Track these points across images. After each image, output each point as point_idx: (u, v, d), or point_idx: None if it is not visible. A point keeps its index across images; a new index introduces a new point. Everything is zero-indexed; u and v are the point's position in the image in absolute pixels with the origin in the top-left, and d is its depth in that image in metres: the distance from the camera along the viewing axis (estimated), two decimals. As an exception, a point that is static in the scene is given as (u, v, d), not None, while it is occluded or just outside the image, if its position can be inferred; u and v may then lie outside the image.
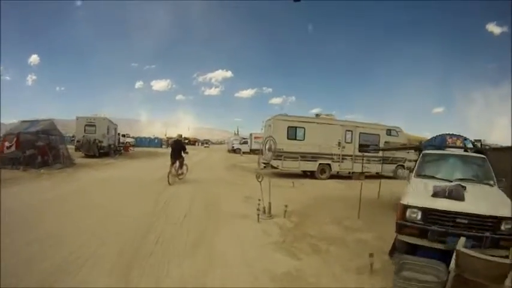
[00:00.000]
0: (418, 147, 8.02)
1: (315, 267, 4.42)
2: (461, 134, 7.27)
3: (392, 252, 4.87)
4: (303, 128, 14.35)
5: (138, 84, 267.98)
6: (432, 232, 4.13)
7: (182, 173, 12.49)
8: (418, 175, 5.92)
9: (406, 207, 4.46)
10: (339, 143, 14.98)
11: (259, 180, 7.34)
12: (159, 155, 28.34)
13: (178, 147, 12.32)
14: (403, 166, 17.15)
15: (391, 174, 16.95)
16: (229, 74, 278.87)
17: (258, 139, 38.45)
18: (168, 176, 11.28)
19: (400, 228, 4.45)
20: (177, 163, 12.00)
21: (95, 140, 21.77)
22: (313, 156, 14.43)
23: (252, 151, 37.90)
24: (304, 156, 14.23)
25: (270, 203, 7.18)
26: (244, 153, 36.85)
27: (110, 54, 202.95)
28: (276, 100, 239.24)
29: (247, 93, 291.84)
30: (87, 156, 21.31)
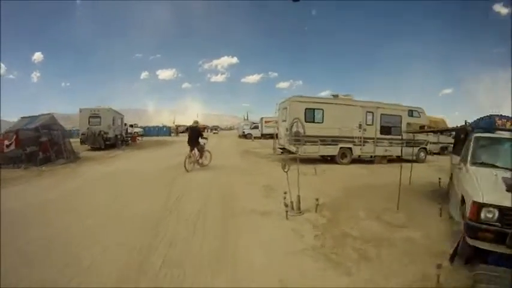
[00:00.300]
0: (464, 129, 6.96)
1: (374, 282, 3.50)
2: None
3: (453, 257, 3.96)
4: (321, 109, 13.17)
5: (144, 74, 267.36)
6: (512, 237, 3.29)
7: (203, 163, 12.10)
8: (474, 163, 4.97)
9: (481, 205, 3.57)
10: (360, 125, 13.79)
11: (286, 170, 6.34)
12: (168, 144, 27.61)
13: (195, 134, 11.92)
14: (425, 149, 16.08)
15: (413, 158, 15.88)
16: (234, 60, 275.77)
17: (269, 123, 37.46)
18: (185, 163, 11.01)
19: (473, 232, 3.58)
20: (196, 150, 11.69)
21: (100, 131, 20.89)
22: (334, 140, 13.30)
23: (263, 136, 36.96)
24: (323, 140, 13.09)
25: (299, 197, 6.15)
26: (255, 138, 35.79)
27: (114, 46, 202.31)
28: (283, 84, 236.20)
29: (253, 78, 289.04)
30: (94, 149, 20.58)
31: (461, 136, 8.27)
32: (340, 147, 13.48)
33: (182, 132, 55.68)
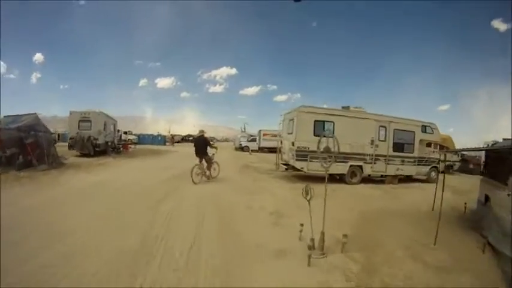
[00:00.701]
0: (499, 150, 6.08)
1: None
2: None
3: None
4: (331, 122, 11.92)
5: (143, 81, 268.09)
6: None
7: (210, 175, 11.50)
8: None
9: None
10: (372, 141, 12.64)
11: (308, 198, 4.94)
12: (162, 153, 26.29)
13: (203, 144, 11.33)
14: (436, 168, 15.02)
15: (423, 177, 14.82)
16: (233, 71, 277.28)
17: (267, 136, 36.41)
18: (192, 175, 10.53)
19: None
20: (204, 162, 11.16)
21: (90, 137, 19.51)
22: (344, 157, 12.04)
23: (261, 149, 35.82)
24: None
25: (323, 234, 4.72)
26: (252, 151, 34.57)
27: (114, 52, 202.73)
28: (281, 97, 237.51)
29: (251, 90, 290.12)
30: (83, 155, 19.24)
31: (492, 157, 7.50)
32: (351, 165, 12.26)
33: (178, 142, 54.73)
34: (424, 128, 14.31)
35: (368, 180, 12.94)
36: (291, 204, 7.94)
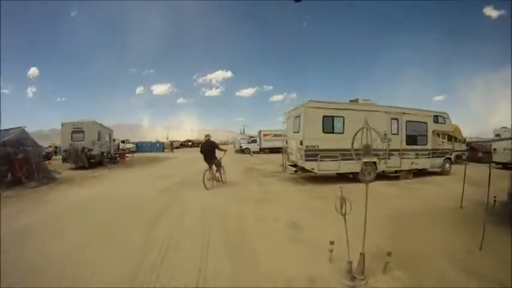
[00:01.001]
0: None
1: None
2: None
3: None
4: (341, 117, 11.01)
5: (139, 89, 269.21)
6: None
7: (221, 179, 11.35)
8: None
9: None
10: (385, 134, 11.73)
11: (343, 212, 4.06)
12: (160, 161, 25.38)
13: (211, 148, 10.96)
14: (450, 159, 14.16)
15: (438, 170, 13.95)
16: (229, 74, 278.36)
17: (268, 136, 35.54)
18: (204, 180, 10.28)
19: None
20: (213, 166, 10.93)
21: (83, 148, 18.64)
22: (356, 154, 11.14)
23: (262, 150, 34.96)
24: (344, 154, 10.92)
25: (363, 256, 3.74)
26: (254, 153, 33.68)
27: (108, 61, 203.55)
28: (277, 97, 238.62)
29: (247, 92, 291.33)
30: (78, 167, 18.33)
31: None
32: (364, 162, 11.33)
33: (177, 148, 53.82)
34: (436, 118, 13.46)
35: (382, 176, 12.00)
36: (306, 212, 7.09)
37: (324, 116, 10.83)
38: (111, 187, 11.48)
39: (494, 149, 19.19)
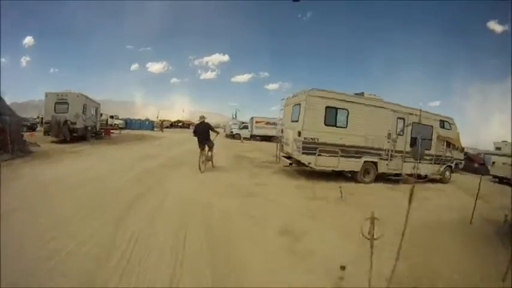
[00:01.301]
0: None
1: None
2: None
3: None
4: (345, 110, 10.10)
5: (134, 66, 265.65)
6: None
7: (212, 162, 11.17)
8: None
9: None
10: (389, 134, 10.95)
11: (374, 237, 3.01)
12: (147, 140, 24.34)
13: (205, 130, 10.72)
14: (451, 167, 13.50)
15: (437, 177, 13.27)
16: (226, 58, 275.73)
17: (260, 123, 34.66)
18: (199, 164, 10.20)
19: None
20: (206, 148, 10.66)
21: (66, 121, 17.37)
22: (357, 151, 10.35)
23: (253, 137, 34.12)
24: (345, 151, 10.12)
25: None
26: (244, 139, 32.80)
27: (105, 36, 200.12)
28: (273, 86, 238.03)
29: (243, 77, 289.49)
30: (60, 141, 17.16)
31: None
32: (365, 161, 10.56)
33: (167, 127, 52.63)
34: (442, 123, 12.76)
35: (380, 178, 11.26)
36: (303, 214, 6.27)
37: (326, 107, 9.89)
38: (88, 165, 10.45)
39: (493, 162, 18.86)
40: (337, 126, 9.99)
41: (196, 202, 6.53)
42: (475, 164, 21.92)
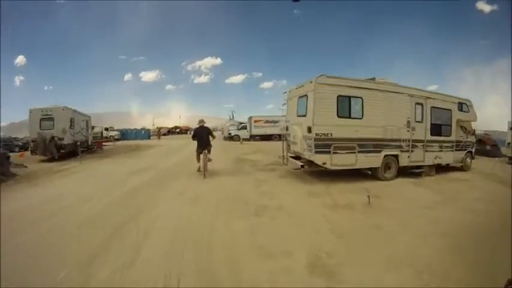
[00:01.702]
0: None
1: None
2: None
3: None
4: (359, 98, 8.77)
5: (127, 76, 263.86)
6: None
7: (209, 160, 10.58)
8: None
9: None
10: (408, 122, 9.71)
11: None
12: (142, 150, 23.14)
13: (205, 134, 10.53)
14: (471, 153, 12.33)
15: (459, 165, 12.07)
16: (218, 60, 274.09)
17: (259, 123, 33.45)
18: (201, 169, 10.22)
19: None
20: (205, 152, 10.29)
21: (53, 137, 16.20)
22: (376, 145, 9.08)
23: (253, 137, 32.93)
24: (362, 145, 8.83)
25: None
26: (243, 140, 31.58)
27: (97, 48, 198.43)
28: (267, 84, 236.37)
29: (237, 78, 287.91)
30: (49, 159, 16.00)
31: None
32: (385, 155, 9.31)
33: (164, 134, 51.55)
34: (460, 106, 11.62)
35: (401, 173, 9.97)
36: (329, 232, 5.01)
37: (338, 96, 8.53)
38: (70, 187, 9.17)
39: (509, 143, 17.72)
40: (351, 118, 8.67)
41: (190, 232, 5.02)
42: (486, 146, 20.88)
